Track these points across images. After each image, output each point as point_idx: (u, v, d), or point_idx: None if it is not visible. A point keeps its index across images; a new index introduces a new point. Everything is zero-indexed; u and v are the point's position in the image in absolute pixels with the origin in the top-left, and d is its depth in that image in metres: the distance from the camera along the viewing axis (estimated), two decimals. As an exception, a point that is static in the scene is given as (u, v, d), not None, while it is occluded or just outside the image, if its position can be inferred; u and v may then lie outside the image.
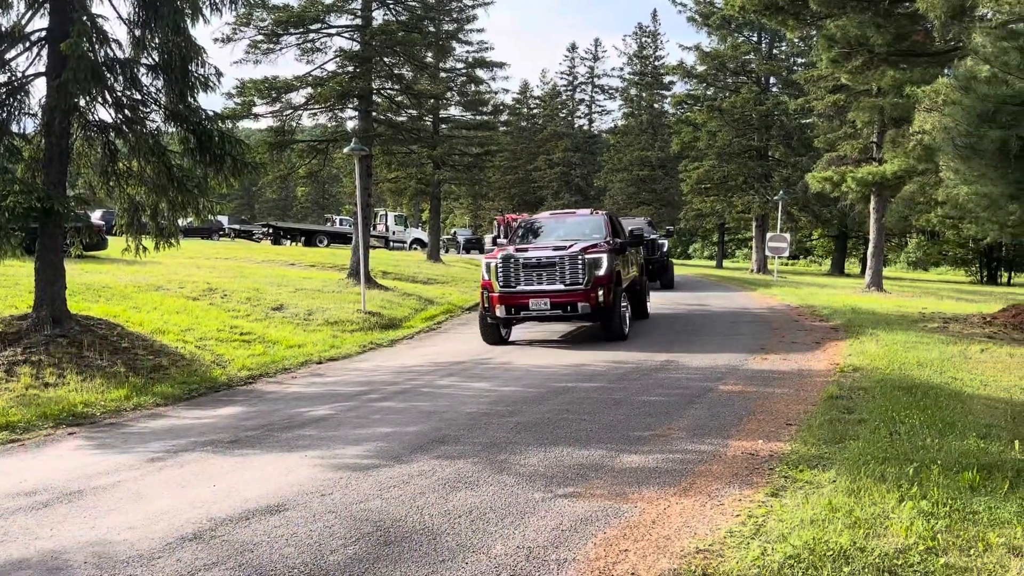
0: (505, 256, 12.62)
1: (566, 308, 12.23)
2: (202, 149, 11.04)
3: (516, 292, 12.47)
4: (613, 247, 13.05)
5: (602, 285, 12.22)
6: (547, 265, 12.38)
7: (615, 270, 12.64)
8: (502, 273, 12.53)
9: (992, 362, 10.48)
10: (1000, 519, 4.40)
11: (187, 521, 4.88)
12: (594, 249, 12.58)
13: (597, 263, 12.31)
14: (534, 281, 12.43)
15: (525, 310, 12.45)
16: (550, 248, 12.79)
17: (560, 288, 12.27)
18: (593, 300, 12.16)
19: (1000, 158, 10.23)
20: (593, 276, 12.19)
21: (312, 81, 24.74)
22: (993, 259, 51.97)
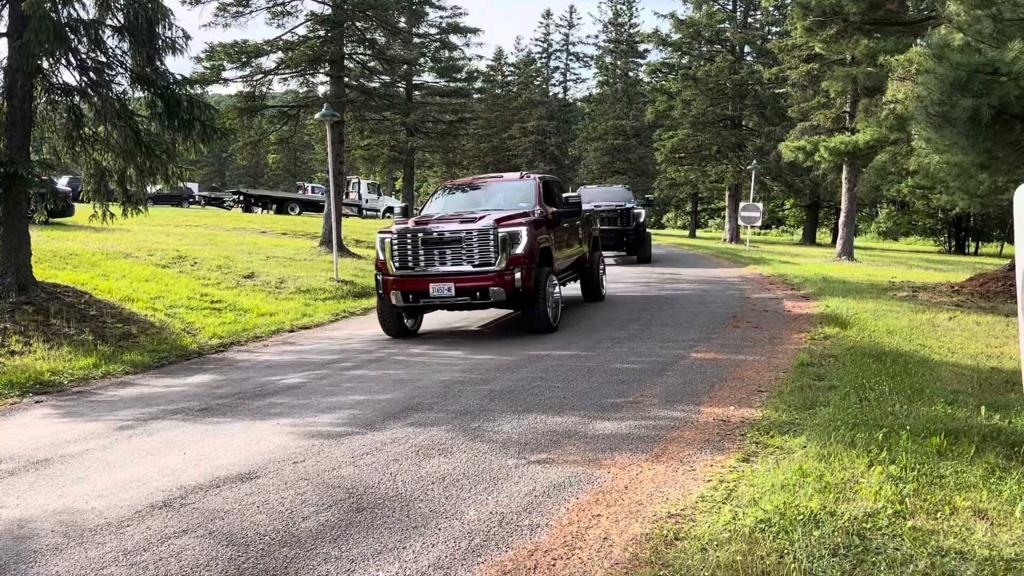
0: (402, 231, 10.34)
1: (475, 294, 10.11)
2: (170, 114, 10.82)
3: (414, 275, 10.28)
4: (539, 218, 10.94)
5: (520, 265, 10.05)
6: (451, 241, 10.18)
7: (539, 246, 10.47)
8: (398, 252, 10.32)
9: (959, 330, 10.63)
10: (966, 483, 4.47)
11: (157, 489, 4.83)
12: (511, 221, 10.37)
13: (514, 238, 10.12)
14: (436, 261, 10.22)
15: (425, 297, 10.24)
16: (456, 221, 10.52)
17: (467, 270, 10.13)
18: (508, 284, 9.99)
19: (972, 127, 10.30)
20: (509, 254, 10.02)
21: (283, 45, 24.34)
22: (961, 229, 52.67)
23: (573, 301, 13.70)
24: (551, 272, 10.72)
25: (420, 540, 3.99)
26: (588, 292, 13.87)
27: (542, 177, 12.53)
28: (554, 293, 10.76)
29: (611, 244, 21.20)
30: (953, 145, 11.27)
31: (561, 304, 11.18)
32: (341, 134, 22.29)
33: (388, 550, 3.89)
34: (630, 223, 22.24)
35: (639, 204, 23.54)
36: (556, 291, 10.88)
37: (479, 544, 3.93)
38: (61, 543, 4.09)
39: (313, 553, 3.87)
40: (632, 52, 62.72)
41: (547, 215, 11.29)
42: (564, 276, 12.18)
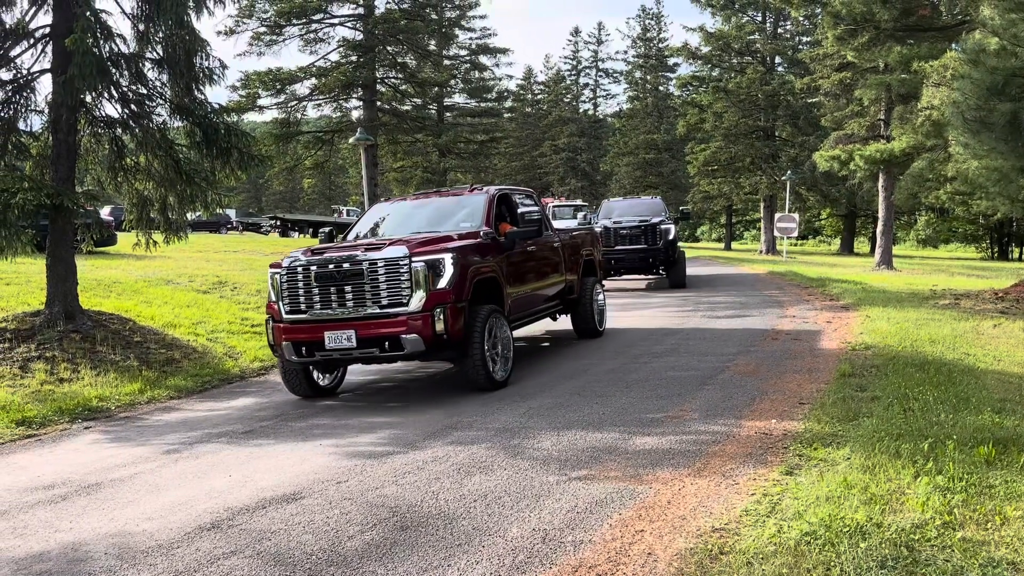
0: (292, 264, 8.02)
1: (383, 344, 7.65)
2: (208, 142, 11.03)
3: (306, 321, 7.91)
4: (480, 242, 8.61)
5: (444, 304, 7.64)
6: (351, 276, 7.75)
7: (476, 278, 8.12)
8: (288, 290, 7.98)
9: (1005, 337, 10.44)
10: (1017, 492, 4.39)
11: (204, 511, 4.92)
12: (433, 247, 7.96)
13: (436, 269, 7.71)
14: (333, 302, 7.82)
15: (320, 349, 7.80)
16: (361, 248, 8.04)
17: (372, 312, 7.70)
18: (427, 329, 7.55)
19: (1010, 131, 10.17)
20: (430, 290, 7.62)
21: (316, 72, 24.75)
22: (1004, 235, 51.72)
23: (564, 336, 12.00)
24: (497, 311, 8.32)
25: (464, 558, 4.01)
26: (579, 326, 11.58)
27: (500, 190, 10.13)
28: (502, 337, 8.38)
29: (636, 266, 19.00)
30: (992, 150, 11.13)
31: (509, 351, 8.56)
32: (375, 157, 22.59)
33: (433, 568, 3.92)
34: (657, 241, 18.68)
35: (672, 218, 20.06)
36: (504, 334, 8.42)
37: (523, 561, 3.95)
38: (115, 565, 4.18)
39: (359, 572, 3.91)
40: (662, 66, 62.81)
41: (494, 238, 8.92)
42: (530, 313, 9.95)
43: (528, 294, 9.68)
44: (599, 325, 11.75)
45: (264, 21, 24.28)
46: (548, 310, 10.67)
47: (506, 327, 8.55)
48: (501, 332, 8.42)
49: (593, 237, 12.68)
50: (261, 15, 24.12)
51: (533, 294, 9.89)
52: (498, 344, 8.34)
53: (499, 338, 8.36)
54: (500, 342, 8.38)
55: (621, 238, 18.53)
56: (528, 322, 10.14)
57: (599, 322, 11.76)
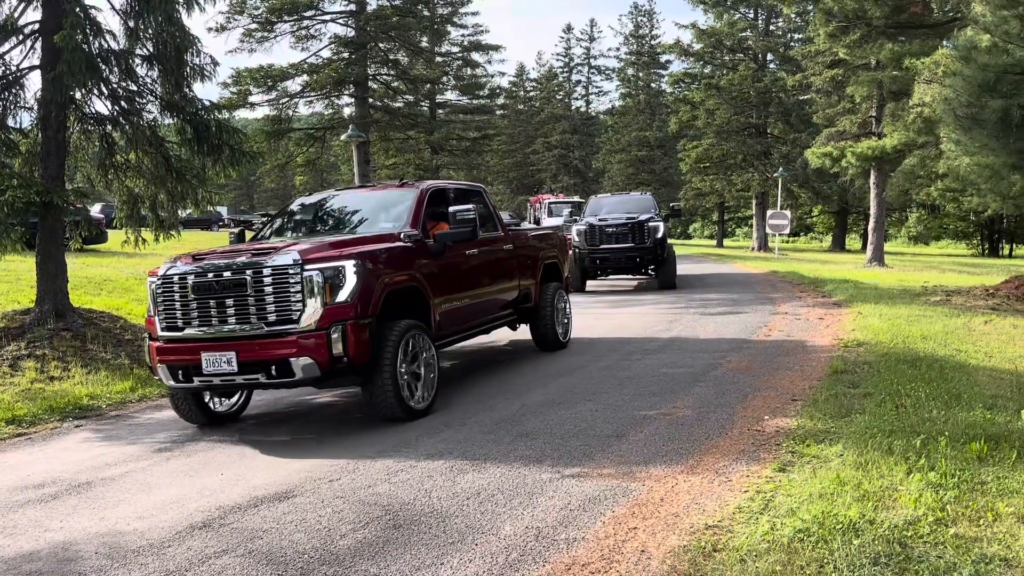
0: (168, 272, 6.79)
1: (269, 370, 6.37)
2: (199, 139, 10.99)
3: (182, 340, 6.66)
4: (401, 245, 7.33)
5: (344, 321, 6.37)
6: (232, 286, 6.47)
7: (388, 289, 6.83)
8: (163, 302, 6.74)
9: (996, 333, 10.47)
10: (1009, 488, 4.40)
11: (196, 510, 4.89)
12: (334, 252, 6.64)
13: (335, 279, 6.43)
14: (212, 318, 6.54)
15: (198, 373, 6.55)
16: (247, 254, 6.70)
17: (256, 332, 6.43)
18: (322, 351, 6.30)
19: (1002, 128, 10.19)
20: (327, 304, 6.35)
21: (307, 68, 24.68)
22: (994, 231, 51.95)
23: (523, 348, 10.80)
24: (418, 327, 7.05)
25: (457, 556, 4.00)
26: (539, 338, 10.38)
27: (434, 186, 8.73)
28: (426, 358, 7.12)
29: (623, 266, 18.14)
30: (983, 147, 11.16)
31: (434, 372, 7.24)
32: (367, 154, 22.52)
33: (426, 566, 3.90)
34: (645, 239, 17.64)
35: (661, 215, 19.10)
36: (429, 355, 7.17)
37: (516, 559, 3.94)
38: (105, 565, 4.16)
39: (352, 571, 3.90)
40: (654, 63, 62.85)
41: (420, 241, 7.59)
42: (472, 326, 8.72)
43: (467, 305, 8.42)
44: (562, 336, 10.53)
45: (255, 18, 24.21)
46: (498, 321, 9.45)
47: (431, 346, 7.21)
48: (424, 352, 7.11)
49: (558, 238, 11.36)
50: (252, 11, 24.03)
51: (475, 304, 8.62)
52: (421, 366, 7.04)
53: (421, 359, 7.06)
54: (423, 364, 7.07)
55: (607, 236, 17.67)
56: (471, 336, 8.91)
57: (562, 333, 10.56)
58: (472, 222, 7.96)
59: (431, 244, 7.76)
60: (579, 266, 17.76)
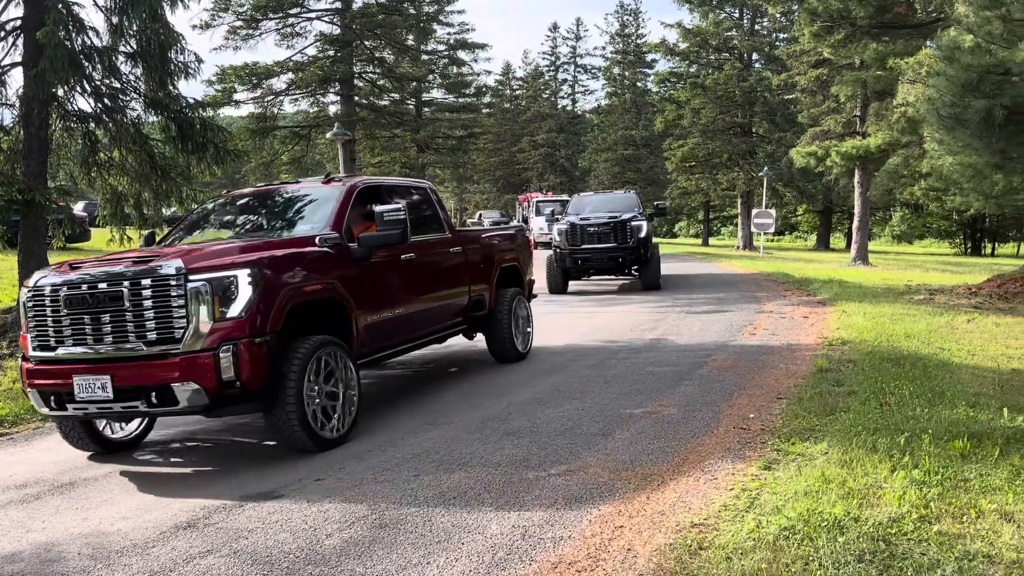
0: (40, 283, 5.89)
1: (148, 397, 5.50)
2: (184, 137, 10.96)
3: (54, 361, 5.77)
4: (308, 252, 6.34)
5: (235, 339, 5.49)
6: (106, 300, 5.58)
7: (293, 301, 5.93)
8: (34, 318, 5.86)
9: (979, 332, 10.56)
10: (991, 486, 4.44)
11: (180, 510, 4.86)
12: (228, 258, 5.77)
13: (224, 290, 5.53)
14: (87, 336, 5.66)
15: (71, 400, 5.67)
16: (127, 261, 5.84)
17: (134, 352, 5.54)
18: (209, 375, 5.42)
19: (985, 128, 10.27)
20: (217, 320, 5.48)
21: (293, 66, 24.59)
22: (977, 230, 52.36)
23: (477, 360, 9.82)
24: (333, 344, 6.17)
25: (444, 555, 3.99)
26: (496, 349, 9.52)
27: (364, 183, 7.72)
28: (346, 379, 6.28)
29: (605, 267, 17.51)
30: (966, 146, 11.24)
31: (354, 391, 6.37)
32: (353, 152, 22.46)
33: (412, 566, 3.89)
34: (628, 239, 17.01)
35: (645, 214, 18.33)
36: (349, 375, 6.31)
37: (503, 558, 3.93)
38: (88, 566, 4.12)
39: (338, 570, 3.88)
40: (640, 62, 62.95)
41: (340, 245, 6.67)
42: (409, 340, 7.80)
43: (403, 315, 7.49)
44: (521, 347, 9.65)
45: (240, 15, 24.08)
46: (443, 332, 8.58)
47: (350, 365, 6.36)
48: (342, 372, 6.24)
49: (520, 239, 10.40)
50: (237, 9, 23.91)
51: (413, 314, 7.71)
52: (339, 386, 6.22)
53: (339, 379, 6.21)
54: (343, 384, 6.24)
55: (589, 236, 17.07)
56: (411, 349, 8.02)
57: (521, 343, 9.69)
58: (401, 224, 6.92)
59: (355, 249, 6.83)
60: (560, 267, 17.37)
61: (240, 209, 7.91)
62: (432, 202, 8.78)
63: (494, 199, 70.41)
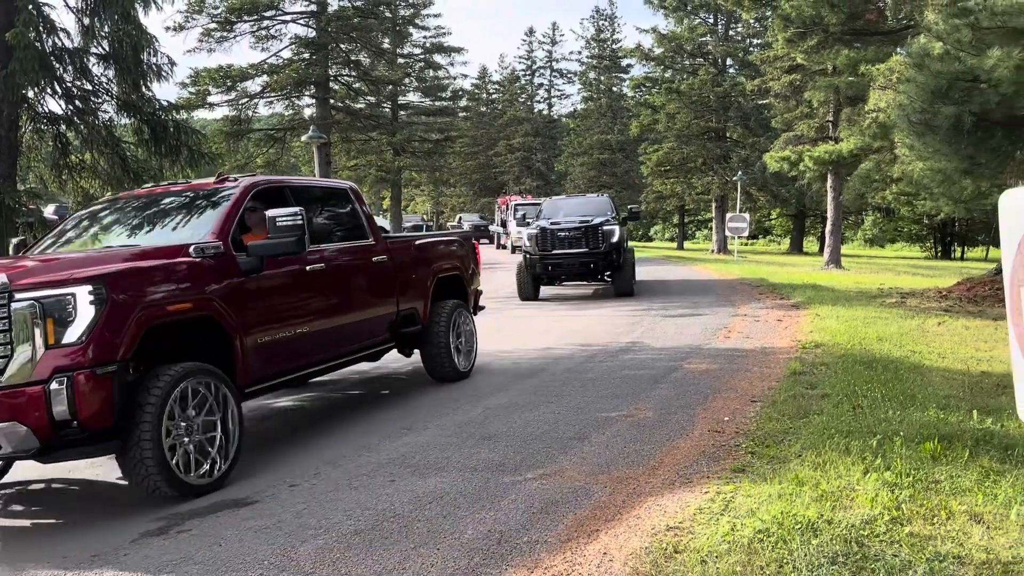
0: None
1: None
2: (157, 140, 10.88)
3: None
4: (176, 263, 5.41)
5: (71, 370, 4.61)
6: None
7: (149, 322, 4.99)
8: None
9: (949, 335, 10.69)
10: (961, 487, 4.49)
11: (153, 517, 4.81)
12: (65, 273, 4.89)
13: (59, 311, 4.65)
14: None
15: None
16: None
17: None
18: (38, 414, 4.54)
19: (954, 134, 10.41)
20: (51, 346, 4.60)
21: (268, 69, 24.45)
22: (947, 234, 53.05)
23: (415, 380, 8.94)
24: (204, 374, 5.27)
25: (420, 561, 3.98)
26: (432, 367, 8.59)
27: (261, 182, 6.74)
28: (224, 416, 5.38)
29: (576, 272, 16.96)
30: (936, 152, 11.38)
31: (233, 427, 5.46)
32: (328, 155, 22.36)
33: (388, 572, 3.88)
34: (600, 244, 16.45)
35: (617, 219, 17.71)
36: (228, 411, 5.41)
37: (479, 563, 3.93)
38: (56, 574, 4.06)
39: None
40: (615, 67, 63.17)
41: (222, 254, 5.75)
42: (316, 363, 6.77)
43: (307, 335, 6.53)
44: (462, 365, 8.76)
45: (214, 17, 23.92)
46: (365, 352, 7.61)
47: (229, 396, 5.44)
48: (219, 404, 5.35)
49: (464, 247, 9.50)
50: (211, 11, 23.75)
51: (322, 333, 6.74)
52: (221, 424, 5.35)
53: (216, 416, 5.32)
54: (219, 419, 5.34)
55: (560, 241, 16.53)
56: (319, 373, 7.04)
57: (463, 360, 8.82)
58: (296, 230, 5.91)
59: (244, 259, 5.89)
60: (531, 272, 16.90)
61: (123, 213, 6.78)
62: (354, 205, 7.83)
63: (470, 203, 70.36)
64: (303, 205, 6.55)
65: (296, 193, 7.01)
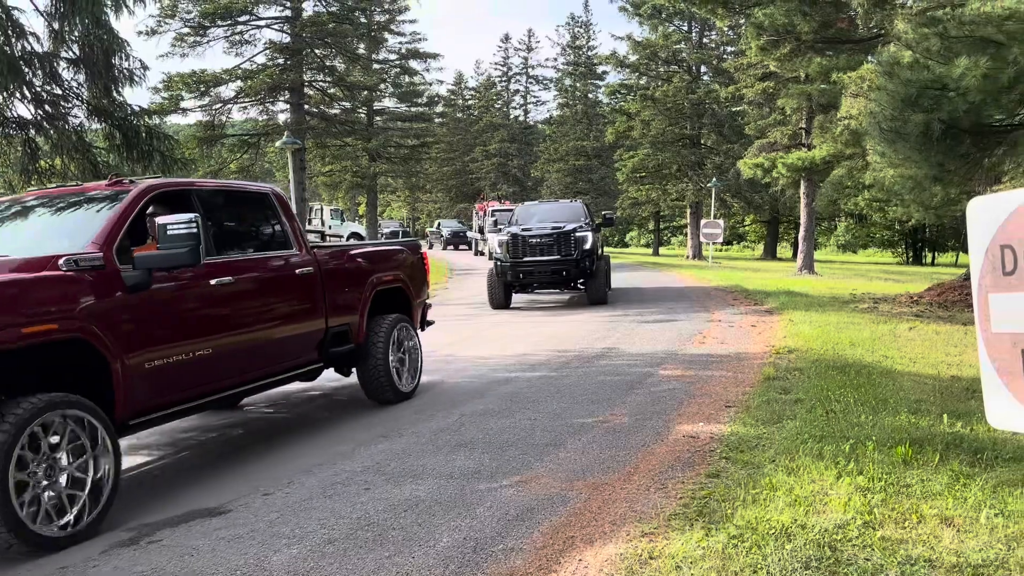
0: None
1: None
2: (128, 145, 10.77)
3: None
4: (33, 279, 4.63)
5: None
6: None
7: None
8: None
9: (920, 340, 10.82)
10: (932, 491, 4.54)
11: (122, 527, 4.74)
12: None
13: None
14: None
15: None
16: None
17: None
18: None
19: (924, 141, 10.53)
20: None
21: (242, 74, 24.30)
22: (918, 240, 53.76)
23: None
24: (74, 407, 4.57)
25: (394, 569, 3.95)
26: (370, 388, 7.80)
27: (159, 185, 5.96)
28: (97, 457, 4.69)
29: (547, 281, 16.65)
30: (906, 159, 11.51)
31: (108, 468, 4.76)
32: (303, 161, 22.25)
33: (362, 580, 3.85)
34: (572, 251, 16.04)
35: (591, 225, 17.31)
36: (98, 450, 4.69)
37: (454, 571, 3.91)
38: (26, 586, 4.00)
39: (286, 586, 3.82)
40: (591, 74, 63.45)
41: (99, 267, 4.98)
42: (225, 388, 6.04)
43: (210, 357, 5.75)
44: (403, 384, 7.96)
45: (187, 22, 23.74)
46: (287, 373, 6.80)
47: (102, 433, 4.71)
48: (89, 442, 4.65)
49: (408, 256, 8.64)
50: (184, 15, 23.57)
51: (228, 355, 5.98)
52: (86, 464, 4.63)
53: (85, 454, 4.62)
54: (90, 461, 4.65)
55: (531, 248, 16.16)
56: (229, 399, 6.41)
57: (406, 380, 8.05)
58: (190, 239, 5.17)
59: (130, 273, 5.15)
60: (501, 280, 16.53)
61: (3, 219, 6.01)
62: (276, 212, 7.05)
63: (447, 208, 70.31)
64: (214, 211, 6.23)
65: (205, 198, 6.26)
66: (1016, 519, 4.07)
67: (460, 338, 12.70)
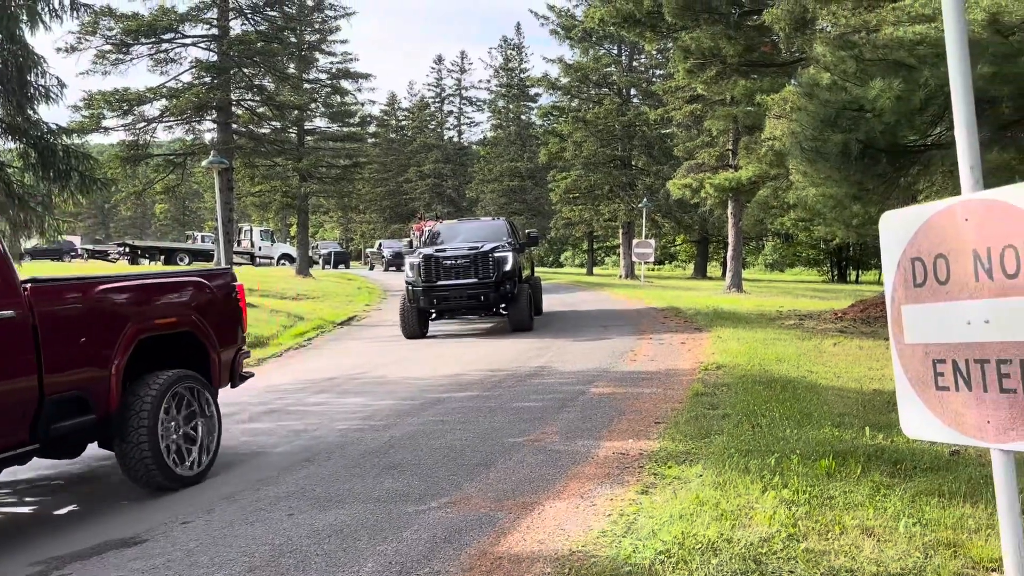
0: None
1: None
2: (45, 165, 10.42)
3: None
4: None
5: None
6: None
7: None
8: None
9: (844, 355, 11.08)
10: (854, 502, 4.61)
11: (29, 562, 4.51)
12: None
13: None
14: None
15: None
16: None
17: None
18: None
19: (843, 160, 10.84)
20: None
21: (167, 93, 23.78)
22: (843, 259, 55.29)
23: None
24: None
25: (317, 596, 3.84)
26: (131, 470, 5.67)
27: None
28: None
29: (464, 307, 15.31)
30: (827, 178, 11.83)
31: None
32: (230, 181, 21.83)
33: (283, 609, 3.72)
34: (491, 274, 14.72)
35: (514, 244, 15.90)
36: None
37: (378, 596, 3.81)
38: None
39: (202, 619, 3.67)
40: (523, 96, 63.89)
41: None
42: None
43: None
44: (186, 468, 5.90)
45: (109, 39, 23.13)
46: None
47: None
48: None
49: (203, 287, 6.55)
50: (106, 32, 22.96)
51: None
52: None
53: None
54: None
55: (446, 271, 14.82)
56: None
57: (192, 460, 5.99)
58: None
59: None
60: (415, 307, 15.04)
61: None
62: None
63: (381, 229, 69.79)
64: None
65: None
66: (933, 527, 4.16)
67: (392, 359, 12.56)
